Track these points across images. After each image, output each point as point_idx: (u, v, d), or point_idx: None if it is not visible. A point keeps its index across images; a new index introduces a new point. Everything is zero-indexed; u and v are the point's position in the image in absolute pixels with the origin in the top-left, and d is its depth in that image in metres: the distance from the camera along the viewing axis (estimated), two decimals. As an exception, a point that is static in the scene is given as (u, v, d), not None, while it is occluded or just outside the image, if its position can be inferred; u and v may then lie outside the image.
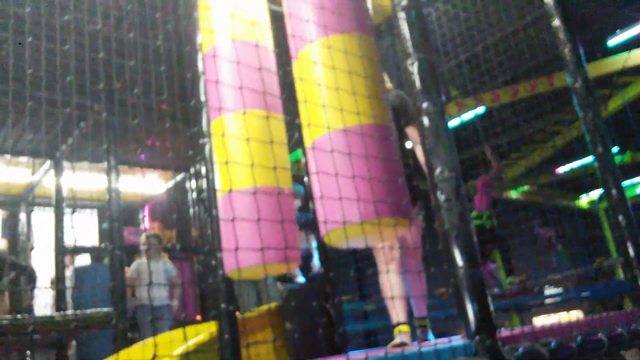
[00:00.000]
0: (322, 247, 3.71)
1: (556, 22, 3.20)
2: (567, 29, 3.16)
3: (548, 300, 9.01)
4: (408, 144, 3.18)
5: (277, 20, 2.99)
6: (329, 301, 3.54)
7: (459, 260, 1.76)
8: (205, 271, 2.68)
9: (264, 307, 3.87)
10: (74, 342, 6.50)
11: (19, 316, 5.10)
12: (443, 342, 2.19)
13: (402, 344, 2.73)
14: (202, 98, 2.74)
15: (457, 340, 2.23)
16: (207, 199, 2.92)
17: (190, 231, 8.12)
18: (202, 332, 3.36)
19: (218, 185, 2.84)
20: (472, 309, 1.72)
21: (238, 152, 2.75)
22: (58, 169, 6.85)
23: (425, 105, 1.84)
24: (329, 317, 3.52)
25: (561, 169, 10.83)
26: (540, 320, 10.83)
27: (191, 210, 7.88)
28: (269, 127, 2.63)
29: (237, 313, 2.83)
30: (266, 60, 2.90)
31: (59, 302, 6.60)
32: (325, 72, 2.38)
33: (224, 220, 2.69)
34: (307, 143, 2.50)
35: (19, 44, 2.99)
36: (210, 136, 2.79)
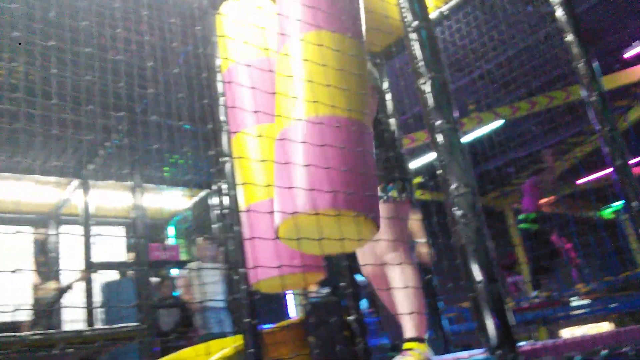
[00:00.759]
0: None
1: (569, 37, 3.20)
2: (580, 43, 3.17)
3: (575, 312, 8.82)
4: None
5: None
6: (351, 314, 3.53)
7: (478, 275, 1.77)
8: (230, 285, 2.71)
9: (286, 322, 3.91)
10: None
11: (49, 331, 5.19)
12: (463, 357, 2.19)
13: None
14: (222, 118, 2.81)
15: (478, 355, 2.24)
16: (230, 216, 2.98)
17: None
18: (228, 346, 3.40)
19: (241, 198, 2.87)
20: (492, 323, 1.73)
21: (259, 163, 2.73)
22: (85, 187, 7.01)
23: (438, 122, 1.87)
24: (352, 330, 3.52)
25: (583, 180, 10.66)
26: (568, 333, 10.63)
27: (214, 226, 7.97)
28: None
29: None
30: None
31: (89, 316, 6.71)
32: (305, 65, 2.30)
33: (246, 237, 2.72)
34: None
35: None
36: (231, 155, 2.85)
